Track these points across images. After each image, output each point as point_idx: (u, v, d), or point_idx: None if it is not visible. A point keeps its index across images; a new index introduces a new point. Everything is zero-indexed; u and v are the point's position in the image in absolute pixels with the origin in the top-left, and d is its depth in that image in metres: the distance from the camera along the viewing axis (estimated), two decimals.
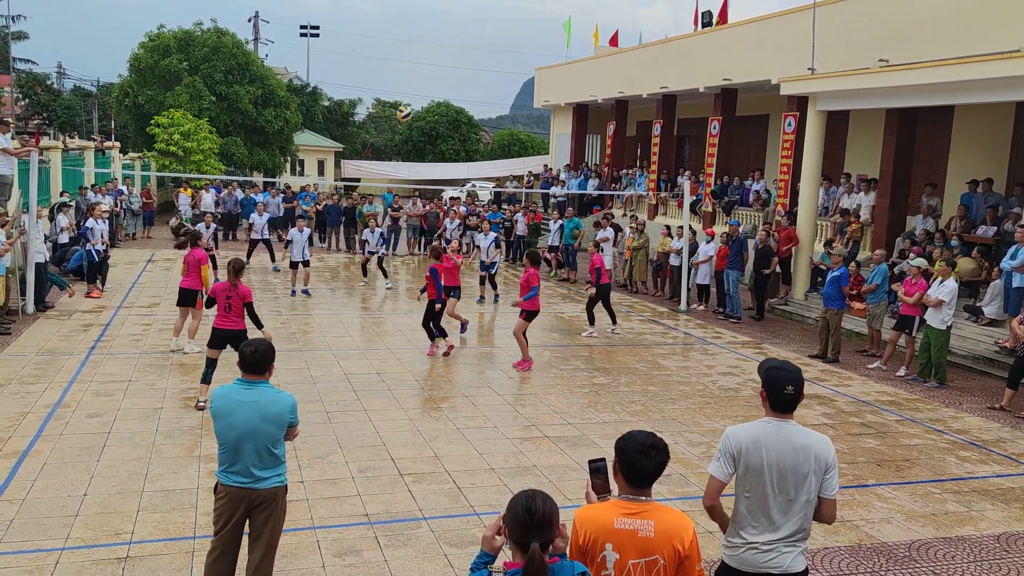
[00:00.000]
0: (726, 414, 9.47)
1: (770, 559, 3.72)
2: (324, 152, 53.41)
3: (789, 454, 3.67)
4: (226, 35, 35.27)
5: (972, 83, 12.82)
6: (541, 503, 2.85)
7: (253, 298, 8.93)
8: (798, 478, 3.66)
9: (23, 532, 5.76)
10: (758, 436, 3.71)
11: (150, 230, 25.58)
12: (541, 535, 2.81)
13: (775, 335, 14.51)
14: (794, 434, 3.70)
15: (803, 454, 3.67)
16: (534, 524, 2.81)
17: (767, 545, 3.72)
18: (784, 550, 3.72)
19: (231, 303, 8.70)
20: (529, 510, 2.82)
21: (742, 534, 3.77)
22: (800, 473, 3.66)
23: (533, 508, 2.83)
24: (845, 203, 17.51)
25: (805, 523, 3.73)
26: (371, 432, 8.23)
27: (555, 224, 20.83)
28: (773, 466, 3.67)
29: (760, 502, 3.71)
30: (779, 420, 3.73)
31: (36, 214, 13.50)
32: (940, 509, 6.99)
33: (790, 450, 3.67)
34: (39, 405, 8.58)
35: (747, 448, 3.70)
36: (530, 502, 2.84)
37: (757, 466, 3.68)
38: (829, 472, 3.70)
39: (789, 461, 3.66)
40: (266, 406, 4.52)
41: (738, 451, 3.71)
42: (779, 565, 3.72)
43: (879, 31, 16.39)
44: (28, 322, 12.51)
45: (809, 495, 3.68)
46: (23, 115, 45.73)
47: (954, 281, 11.12)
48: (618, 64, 27.73)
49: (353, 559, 5.61)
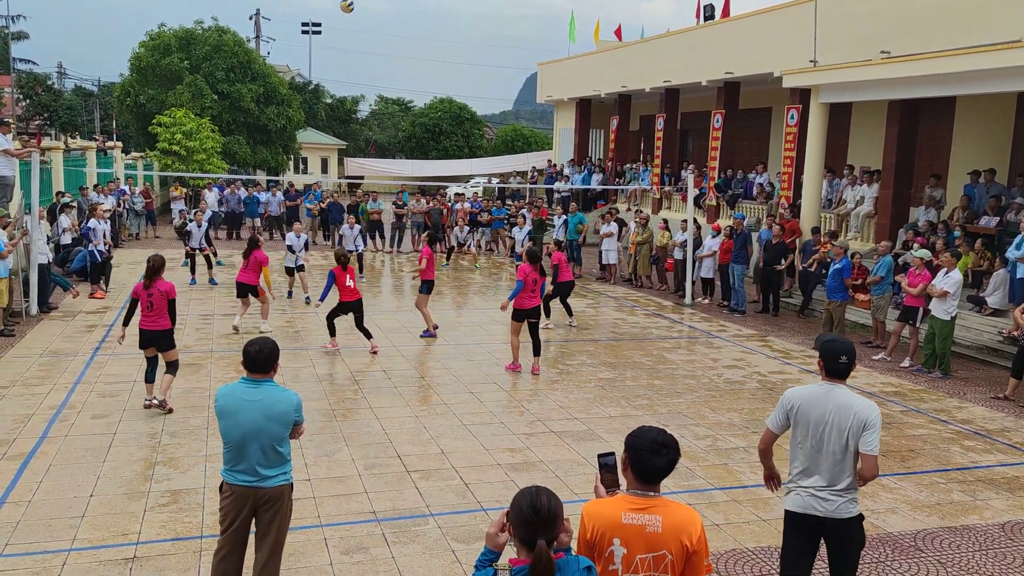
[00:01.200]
0: (732, 407, 9.47)
1: (817, 503, 4.27)
2: (327, 150, 53.45)
3: (834, 412, 4.21)
4: (227, 33, 35.27)
5: (974, 74, 12.76)
6: (546, 500, 2.84)
7: (176, 294, 8.57)
8: (840, 434, 4.19)
9: (30, 534, 5.78)
10: (810, 396, 4.30)
11: (155, 229, 25.61)
12: (547, 532, 2.81)
13: (780, 328, 14.49)
14: (841, 396, 4.24)
15: (845, 412, 4.19)
16: (539, 521, 2.81)
17: (815, 490, 4.27)
18: (830, 496, 4.25)
19: (152, 301, 8.33)
20: (534, 507, 2.82)
21: (796, 480, 4.37)
22: (842, 429, 4.19)
23: (538, 505, 2.82)
24: (848, 195, 17.47)
25: (848, 474, 4.23)
26: (377, 429, 8.24)
27: (559, 220, 20.82)
28: (820, 422, 4.23)
29: (809, 453, 4.28)
30: (831, 384, 4.28)
31: (38, 215, 13.53)
32: (945, 499, 6.98)
33: (835, 409, 4.21)
34: (44, 407, 8.60)
35: (799, 406, 4.30)
36: (535, 499, 2.84)
37: (806, 421, 4.28)
38: (867, 431, 4.16)
39: (833, 419, 4.20)
40: (271, 404, 4.52)
41: (791, 408, 4.33)
42: (825, 509, 4.25)
43: (881, 23, 16.33)
44: (32, 324, 12.54)
45: (850, 449, 4.20)
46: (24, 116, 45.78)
47: (959, 272, 11.10)
48: (621, 58, 27.68)
49: (360, 556, 5.62)
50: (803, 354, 12.45)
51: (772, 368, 11.51)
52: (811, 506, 4.28)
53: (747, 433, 8.55)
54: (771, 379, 10.87)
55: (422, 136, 52.87)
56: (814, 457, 4.26)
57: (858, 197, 17.10)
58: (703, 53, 22.49)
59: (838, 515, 4.24)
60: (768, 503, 6.76)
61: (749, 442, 8.26)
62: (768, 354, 12.39)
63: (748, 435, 8.48)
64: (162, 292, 8.35)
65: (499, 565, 2.87)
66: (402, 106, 66.50)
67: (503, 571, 2.83)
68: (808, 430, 4.26)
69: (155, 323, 8.41)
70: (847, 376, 4.29)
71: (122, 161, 29.84)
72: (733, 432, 8.57)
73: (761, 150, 23.54)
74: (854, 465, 4.23)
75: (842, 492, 4.23)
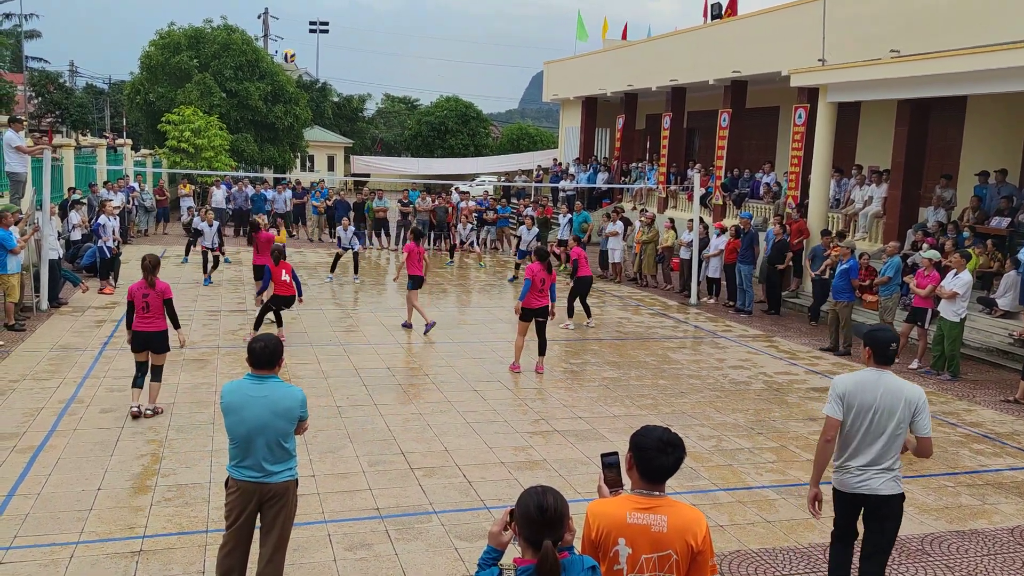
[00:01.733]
0: (737, 407, 9.45)
1: (862, 481, 4.57)
2: (334, 148, 53.53)
3: (884, 396, 4.51)
4: (236, 32, 35.37)
5: (985, 73, 12.69)
6: (552, 500, 2.83)
7: (172, 294, 8.33)
8: (891, 416, 4.50)
9: (38, 526, 5.81)
10: (860, 382, 4.58)
11: (164, 226, 25.72)
12: (553, 532, 2.80)
13: (786, 328, 14.45)
14: (890, 381, 4.55)
15: (895, 396, 4.50)
16: (546, 521, 2.80)
17: (859, 467, 4.58)
18: (875, 475, 4.55)
19: (148, 302, 8.05)
20: (541, 507, 2.81)
21: (843, 461, 4.64)
22: (892, 412, 4.50)
23: (545, 505, 2.81)
24: (856, 195, 17.40)
25: (893, 454, 4.56)
26: (381, 426, 8.25)
27: (564, 218, 20.81)
28: (870, 406, 4.52)
29: (857, 435, 4.56)
30: (879, 370, 4.59)
31: (49, 211, 13.59)
32: (953, 502, 6.95)
33: (885, 392, 4.52)
34: (53, 400, 8.65)
35: (850, 391, 4.58)
36: (541, 499, 2.83)
37: (856, 405, 4.55)
38: (919, 414, 4.52)
39: (884, 402, 4.50)
40: (276, 401, 4.54)
41: (843, 393, 4.58)
42: (871, 488, 4.56)
43: (890, 21, 16.26)
44: (42, 318, 12.61)
45: (897, 430, 4.51)
46: (36, 113, 45.98)
47: (969, 274, 11.04)
48: (627, 57, 27.63)
49: (364, 552, 5.64)
50: (809, 355, 12.42)
51: (778, 369, 11.48)
52: (856, 486, 4.58)
53: (752, 434, 8.53)
54: (777, 380, 10.85)
55: (428, 134, 52.88)
56: (862, 439, 4.55)
57: (866, 197, 17.03)
58: (710, 52, 22.43)
59: (881, 492, 4.55)
60: (773, 505, 6.75)
61: (754, 443, 8.25)
62: (774, 355, 12.36)
63: (753, 436, 8.47)
64: (157, 292, 8.07)
65: (504, 564, 2.87)
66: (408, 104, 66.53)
67: (508, 571, 2.82)
68: (859, 415, 4.54)
69: (151, 324, 8.09)
70: (893, 362, 4.63)
71: (131, 158, 29.95)
72: (738, 433, 8.55)
73: (768, 149, 23.47)
74: (899, 446, 4.56)
75: (885, 471, 4.56)
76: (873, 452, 4.53)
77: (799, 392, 10.28)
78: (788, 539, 6.13)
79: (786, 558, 5.83)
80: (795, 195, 18.53)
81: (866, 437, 4.53)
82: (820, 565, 5.73)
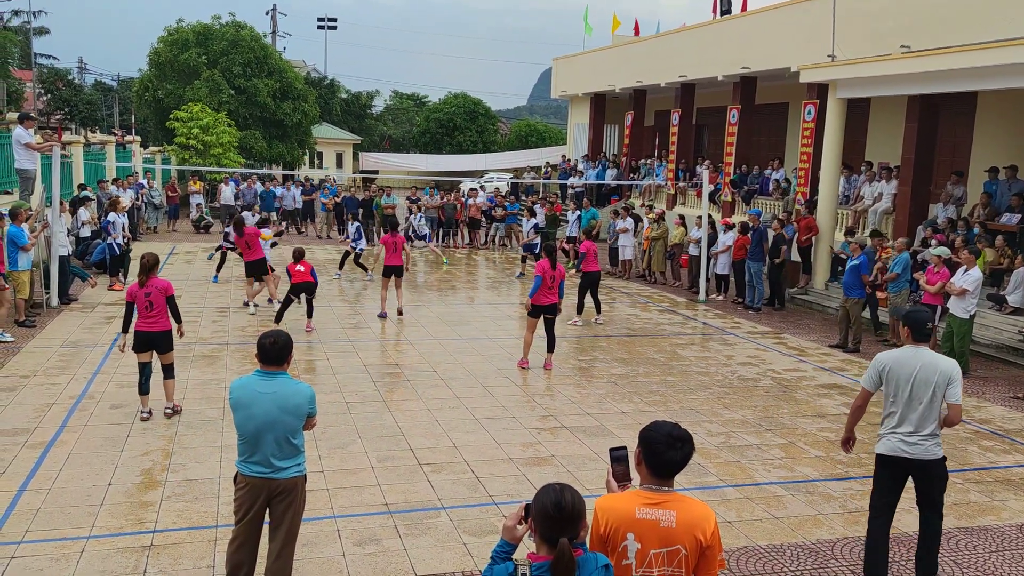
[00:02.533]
0: (745, 404, 9.44)
1: (905, 447, 5.10)
2: (342, 144, 53.59)
3: (920, 370, 5.04)
4: (244, 28, 35.40)
5: (995, 69, 12.60)
6: (570, 498, 2.84)
7: (174, 290, 8.19)
8: (927, 387, 5.03)
9: (49, 521, 5.86)
10: (900, 357, 5.15)
11: (173, 223, 25.81)
12: (569, 530, 2.81)
13: (795, 325, 14.41)
14: (926, 356, 5.10)
15: (931, 369, 5.04)
16: (563, 519, 2.81)
17: (904, 436, 5.10)
18: (918, 441, 5.08)
19: (151, 300, 7.89)
20: (559, 505, 2.82)
21: (887, 428, 5.20)
22: (928, 383, 5.03)
23: (563, 503, 2.82)
24: (866, 191, 17.32)
25: (932, 422, 5.07)
26: (390, 422, 8.27)
27: (573, 215, 20.78)
28: (909, 378, 5.07)
29: (899, 405, 5.11)
30: (916, 347, 5.14)
31: (59, 207, 13.67)
32: (962, 499, 6.93)
33: (921, 366, 5.05)
34: (64, 396, 8.71)
35: (890, 366, 5.15)
36: (559, 497, 2.83)
37: (896, 379, 5.12)
38: (952, 384, 5.01)
39: (920, 375, 5.04)
40: (285, 397, 4.55)
41: (883, 368, 5.18)
42: (913, 452, 5.09)
43: (900, 17, 16.16)
44: (52, 315, 12.68)
45: (934, 400, 5.03)
46: (45, 110, 46.20)
47: (979, 270, 10.98)
48: (636, 53, 27.56)
49: (373, 548, 5.66)
50: (818, 352, 12.38)
51: (786, 366, 11.45)
52: (900, 449, 5.11)
53: (760, 431, 8.52)
54: (785, 377, 10.82)
55: (436, 131, 52.88)
56: (904, 409, 5.09)
57: (876, 193, 16.95)
58: (719, 48, 22.34)
59: (925, 456, 5.09)
60: (781, 501, 6.74)
61: (762, 440, 8.23)
62: (783, 351, 12.33)
63: (761, 432, 8.45)
64: (160, 290, 7.92)
65: (518, 560, 2.87)
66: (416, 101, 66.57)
67: (523, 566, 2.82)
68: (899, 386, 5.10)
69: (155, 324, 7.93)
70: (929, 339, 5.19)
71: (140, 155, 30.06)
72: (746, 429, 8.54)
73: (777, 146, 23.37)
74: (938, 415, 5.06)
75: (927, 437, 5.08)
76: (915, 420, 5.06)
77: (808, 389, 10.26)
78: (796, 535, 6.12)
79: (794, 554, 5.82)
80: (804, 192, 18.46)
81: (908, 406, 5.06)
82: (828, 561, 5.73)
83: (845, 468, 7.53)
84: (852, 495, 6.91)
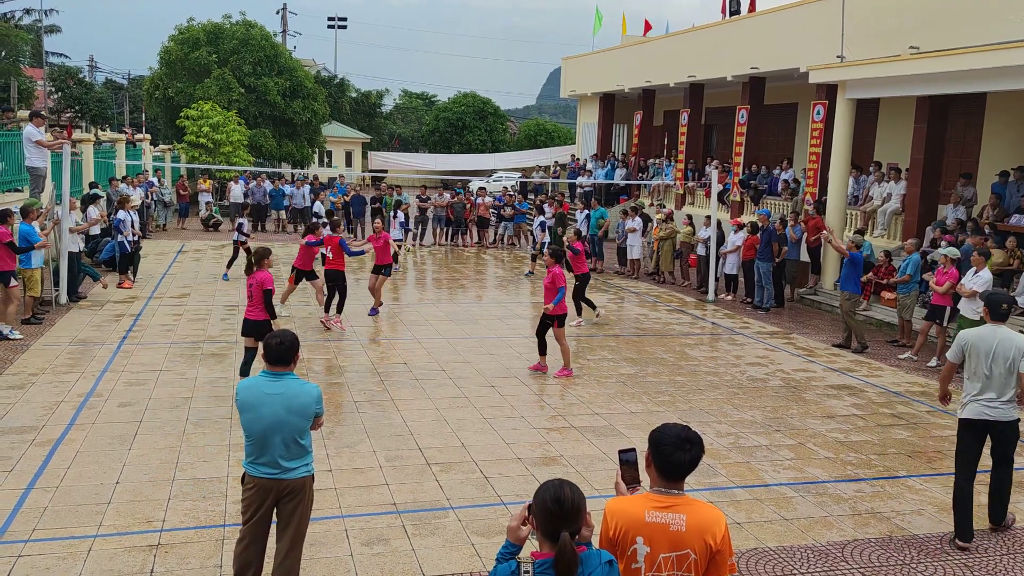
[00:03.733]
0: (754, 405, 9.39)
1: (988, 411, 5.94)
2: (352, 143, 53.69)
3: (999, 344, 5.91)
4: (254, 27, 35.51)
5: (1005, 70, 12.52)
6: (569, 492, 2.82)
7: (273, 285, 8.69)
8: (1004, 359, 5.89)
9: (57, 519, 5.87)
10: (980, 334, 6.02)
11: (184, 221, 25.87)
12: (570, 525, 2.80)
13: (804, 325, 14.35)
14: (1004, 333, 5.97)
15: (1008, 344, 5.90)
16: (563, 514, 2.79)
17: (987, 402, 5.94)
18: (1000, 406, 5.93)
19: (252, 291, 8.61)
20: (558, 500, 2.80)
21: (970, 395, 6.01)
22: (1006, 356, 5.89)
23: (562, 498, 2.81)
24: (875, 192, 17.24)
25: (1010, 389, 5.93)
26: (398, 421, 8.27)
27: (582, 214, 20.75)
28: (989, 353, 5.92)
29: (980, 375, 5.95)
30: (995, 325, 6.02)
31: (69, 205, 13.71)
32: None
33: (1000, 342, 5.91)
34: (72, 394, 8.73)
35: (972, 342, 6.01)
36: (558, 492, 2.82)
37: (977, 353, 5.97)
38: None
39: (999, 349, 5.90)
40: (292, 397, 4.54)
41: (966, 344, 6.04)
42: (995, 415, 5.93)
43: (909, 17, 16.07)
44: (61, 312, 12.73)
45: (1013, 371, 5.89)
46: (56, 108, 46.45)
47: (989, 272, 10.91)
48: (645, 53, 27.50)
49: (381, 548, 5.65)
50: (827, 352, 12.32)
51: (796, 366, 11.40)
52: (984, 413, 5.94)
53: (770, 431, 8.48)
54: (795, 377, 10.77)
55: (445, 130, 52.92)
56: (986, 379, 5.91)
57: (885, 194, 16.87)
58: (728, 48, 22.27)
59: (1005, 418, 5.93)
60: (791, 502, 6.70)
61: (772, 440, 8.20)
62: (792, 352, 12.27)
63: (771, 433, 8.41)
64: (258, 283, 8.48)
65: (521, 558, 2.86)
66: (426, 100, 66.64)
67: (526, 564, 2.82)
68: (980, 359, 5.94)
69: (253, 313, 8.60)
70: (1007, 319, 6.02)
71: (150, 153, 30.14)
72: (755, 430, 8.50)
73: (786, 146, 23.28)
74: (1014, 383, 5.91)
75: (1007, 403, 5.94)
76: (995, 388, 5.89)
77: (817, 389, 10.21)
78: (806, 537, 6.09)
79: (804, 556, 5.79)
80: (813, 192, 18.39)
81: (989, 377, 5.88)
82: (838, 563, 5.69)
83: (855, 469, 7.49)
84: (862, 497, 6.87)
